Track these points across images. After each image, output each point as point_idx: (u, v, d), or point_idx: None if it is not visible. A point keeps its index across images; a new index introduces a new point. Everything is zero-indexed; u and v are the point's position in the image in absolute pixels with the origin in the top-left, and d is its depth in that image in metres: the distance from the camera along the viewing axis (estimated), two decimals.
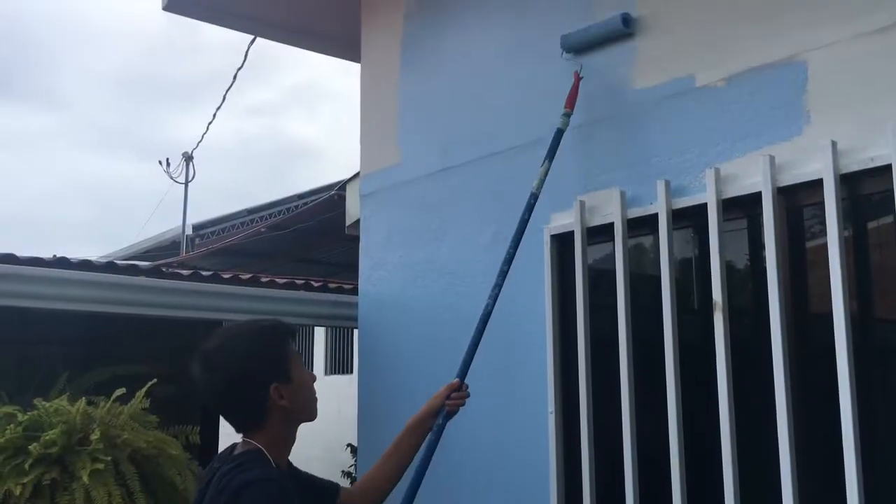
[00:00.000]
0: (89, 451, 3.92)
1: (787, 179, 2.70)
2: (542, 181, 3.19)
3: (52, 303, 4.47)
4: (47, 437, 3.87)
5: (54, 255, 4.65)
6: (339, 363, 11.20)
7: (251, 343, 1.93)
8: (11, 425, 3.92)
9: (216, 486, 1.82)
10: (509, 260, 3.05)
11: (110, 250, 13.57)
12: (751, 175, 2.79)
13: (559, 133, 3.27)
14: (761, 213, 2.72)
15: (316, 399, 2.02)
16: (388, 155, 4.50)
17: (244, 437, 1.92)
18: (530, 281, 3.48)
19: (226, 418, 1.95)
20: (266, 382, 1.88)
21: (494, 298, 2.94)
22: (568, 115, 3.29)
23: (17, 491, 3.71)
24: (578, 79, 3.35)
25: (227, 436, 2.08)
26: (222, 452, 1.98)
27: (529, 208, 3.17)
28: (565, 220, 3.38)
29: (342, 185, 7.25)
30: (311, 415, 2.00)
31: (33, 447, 3.83)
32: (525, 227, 3.14)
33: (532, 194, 3.19)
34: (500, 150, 3.81)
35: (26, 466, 3.78)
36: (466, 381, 2.66)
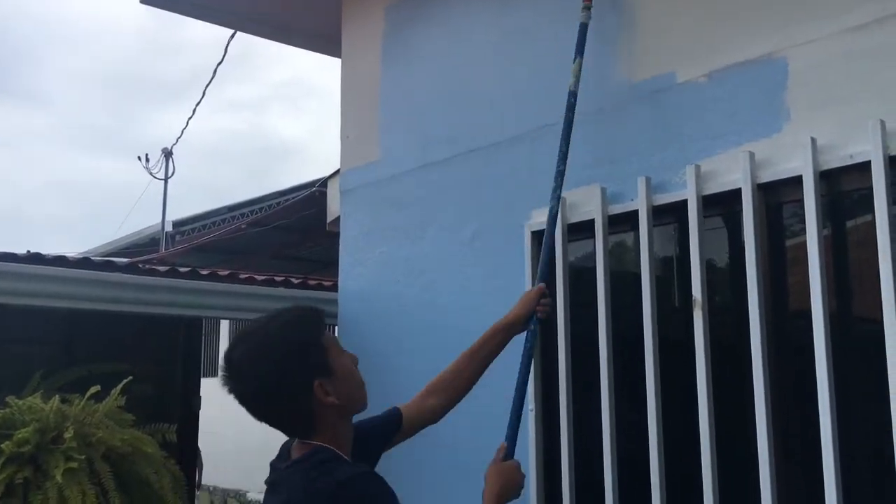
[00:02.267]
0: (63, 449, 3.86)
1: (767, 176, 2.70)
2: (577, 77, 3.11)
3: (26, 299, 4.41)
4: (20, 436, 3.82)
5: (28, 251, 4.57)
6: None
7: (282, 340, 1.67)
8: None
9: (293, 493, 1.60)
10: (563, 158, 2.98)
11: (90, 247, 13.42)
12: (731, 172, 2.78)
13: (584, 27, 3.18)
14: (741, 210, 2.71)
15: (363, 384, 1.79)
16: (368, 151, 4.46)
17: (302, 440, 1.71)
18: (511, 277, 3.46)
19: (273, 426, 1.73)
20: (308, 381, 1.65)
21: (557, 200, 2.95)
22: (588, 8, 3.20)
23: None
24: None
25: (207, 433, 1.98)
26: (281, 452, 1.79)
27: (571, 107, 3.07)
28: (543, 219, 3.36)
29: (323, 182, 7.21)
30: (362, 403, 1.79)
31: (6, 445, 3.78)
32: (571, 126, 3.03)
33: (570, 93, 3.09)
34: (480, 146, 3.79)
35: None
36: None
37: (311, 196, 8.01)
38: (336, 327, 4.62)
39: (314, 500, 1.55)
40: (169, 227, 12.35)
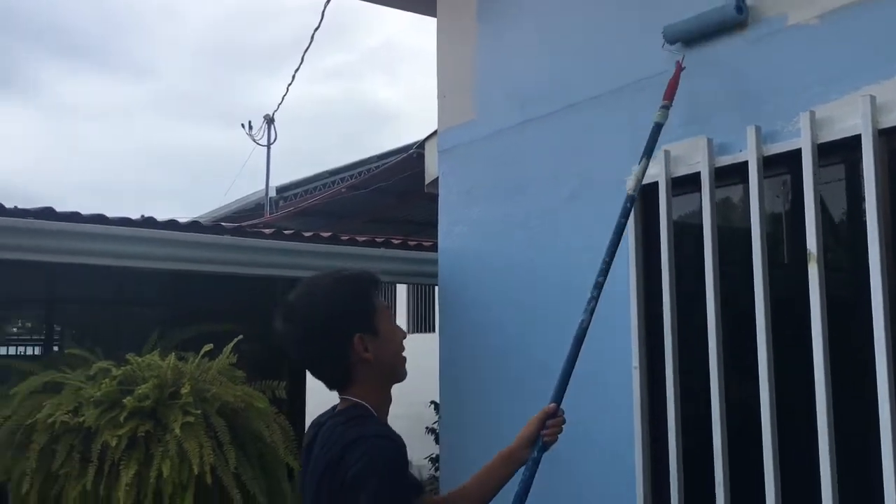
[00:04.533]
0: (180, 404, 4.05)
1: (888, 121, 2.53)
2: (639, 181, 2.84)
3: (141, 262, 4.61)
4: (140, 391, 4.01)
5: (142, 216, 4.77)
6: (421, 321, 11.29)
7: (332, 291, 1.82)
8: (107, 379, 4.07)
9: (323, 440, 1.75)
10: (605, 271, 2.66)
11: (197, 215, 13.95)
12: (849, 117, 2.62)
13: (657, 128, 2.92)
14: (861, 158, 2.55)
15: (404, 357, 1.90)
16: (465, 110, 4.43)
17: (340, 394, 1.84)
18: (611, 233, 3.39)
19: (312, 372, 1.87)
20: (348, 332, 1.78)
21: (591, 313, 2.57)
22: (667, 108, 2.95)
23: (114, 443, 3.86)
24: (680, 69, 3.04)
25: (315, 391, 2.03)
26: (325, 412, 1.90)
27: (626, 212, 2.80)
28: (649, 171, 3.26)
29: (421, 144, 7.22)
30: (400, 371, 1.88)
31: (128, 400, 3.98)
32: (622, 231, 2.77)
33: (628, 196, 2.82)
34: (579, 101, 3.70)
35: (121, 419, 3.93)
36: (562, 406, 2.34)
37: (409, 158, 8.04)
38: (436, 287, 4.65)
39: (346, 452, 1.66)
40: (272, 193, 12.69)
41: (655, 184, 3.20)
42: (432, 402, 8.15)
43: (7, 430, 4.06)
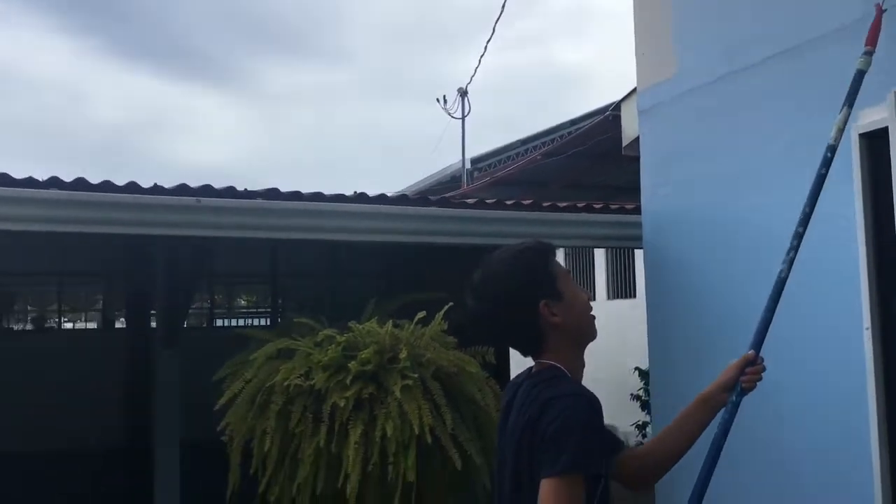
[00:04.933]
0: (399, 368, 4.27)
1: None
2: (840, 130, 2.66)
3: (354, 235, 4.89)
4: (363, 356, 4.28)
5: (355, 192, 5.05)
6: (620, 287, 11.12)
7: (513, 264, 1.89)
8: (332, 346, 4.38)
9: (521, 401, 1.83)
10: (805, 221, 2.55)
11: (395, 189, 14.51)
12: None
13: (860, 75, 2.72)
14: None
15: (593, 316, 1.93)
16: (666, 66, 4.30)
17: (535, 359, 1.91)
18: (835, 186, 3.17)
19: (507, 343, 1.94)
20: (534, 300, 1.84)
21: (789, 264, 2.46)
22: (870, 54, 2.74)
23: (342, 404, 4.15)
24: (881, 12, 2.81)
25: (516, 356, 2.10)
26: (520, 374, 1.98)
27: (826, 162, 2.62)
28: (877, 116, 3.02)
29: (616, 106, 7.08)
30: (589, 331, 1.92)
31: (352, 365, 4.26)
32: (822, 182, 2.61)
33: (829, 146, 2.64)
34: (793, 45, 3.48)
35: (347, 382, 4.22)
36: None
37: (605, 121, 7.90)
38: (638, 252, 4.58)
39: (543, 411, 1.72)
40: (468, 165, 12.93)
41: (885, 129, 2.97)
42: (636, 368, 8.04)
43: (248, 392, 4.47)
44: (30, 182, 4.31)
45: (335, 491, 4.09)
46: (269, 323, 9.87)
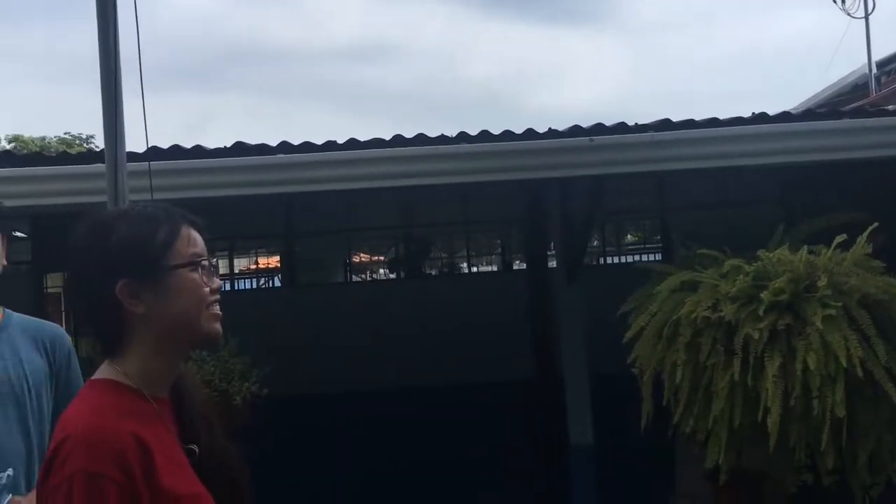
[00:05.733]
0: (818, 297, 3.96)
1: None
2: None
3: (755, 159, 4.62)
4: (776, 286, 4.03)
5: (753, 113, 4.75)
6: None
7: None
8: (740, 276, 4.19)
9: None
10: None
11: (788, 107, 13.34)
12: None
13: None
14: None
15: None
16: None
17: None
18: None
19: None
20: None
21: None
22: None
23: (756, 335, 3.97)
24: None
25: None
26: None
27: None
28: None
29: None
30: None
31: (764, 295, 4.04)
32: None
33: None
34: None
35: (760, 313, 4.01)
36: None
37: None
38: None
39: None
40: (874, 70, 11.40)
41: None
42: None
43: (655, 325, 4.48)
44: (442, 139, 4.76)
45: (754, 423, 3.96)
46: (660, 258, 9.81)
